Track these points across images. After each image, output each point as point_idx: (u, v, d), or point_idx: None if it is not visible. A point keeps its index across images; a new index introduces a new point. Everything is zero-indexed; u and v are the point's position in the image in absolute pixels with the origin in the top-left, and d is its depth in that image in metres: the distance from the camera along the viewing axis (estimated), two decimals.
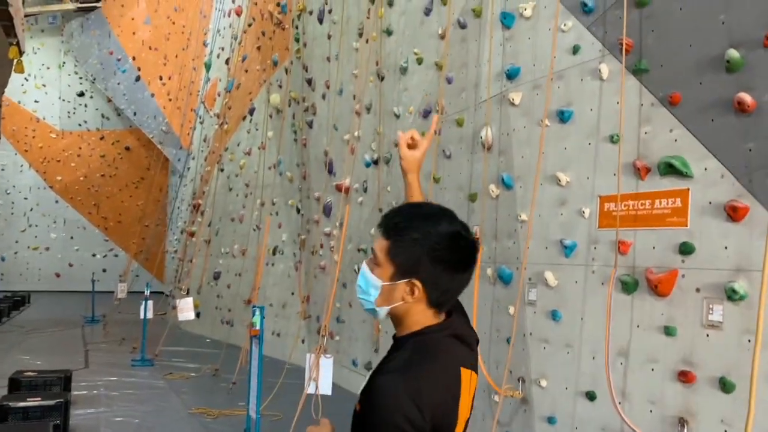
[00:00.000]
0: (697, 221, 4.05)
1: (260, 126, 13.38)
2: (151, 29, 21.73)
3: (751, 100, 3.71)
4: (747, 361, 3.66)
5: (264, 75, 13.58)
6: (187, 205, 17.38)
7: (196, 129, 17.79)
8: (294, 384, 8.69)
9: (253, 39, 14.06)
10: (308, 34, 11.19)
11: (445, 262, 1.71)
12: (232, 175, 14.35)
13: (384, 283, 1.74)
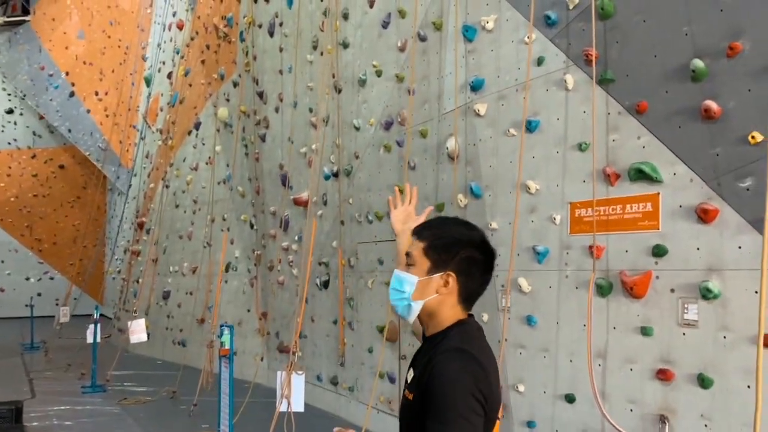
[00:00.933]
0: (669, 224, 4.22)
1: (207, 140, 13.13)
2: (85, 43, 21.00)
3: (716, 107, 3.90)
4: (723, 357, 3.83)
5: (209, 89, 13.35)
6: (130, 224, 16.82)
7: (138, 145, 17.28)
8: (257, 403, 8.52)
9: (197, 52, 13.80)
10: (258, 47, 11.07)
11: (478, 261, 1.92)
12: (178, 192, 13.99)
13: (420, 278, 1.88)
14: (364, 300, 7.97)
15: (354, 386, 8.12)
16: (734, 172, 3.82)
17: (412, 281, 1.89)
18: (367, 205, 7.86)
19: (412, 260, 1.92)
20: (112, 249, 19.95)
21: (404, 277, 1.91)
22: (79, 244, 20.49)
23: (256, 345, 10.98)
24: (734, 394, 3.77)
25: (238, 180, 11.59)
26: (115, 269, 18.94)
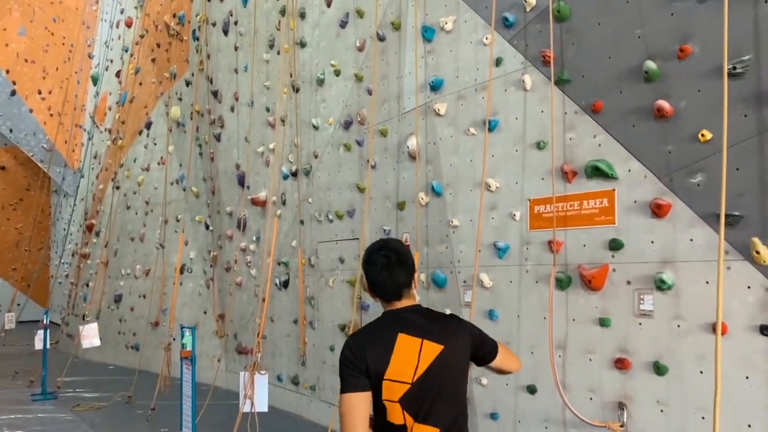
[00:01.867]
0: (624, 219, 4.40)
1: (159, 140, 12.89)
2: (26, 40, 20.23)
3: (668, 106, 4.09)
4: (678, 345, 4.02)
5: (161, 88, 13.11)
6: (78, 227, 16.34)
7: (85, 145, 16.80)
8: (217, 405, 8.43)
9: (147, 51, 13.53)
10: (212, 46, 10.93)
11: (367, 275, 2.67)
12: (129, 193, 13.69)
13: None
14: (324, 299, 7.99)
15: (316, 385, 8.13)
16: (686, 168, 4.01)
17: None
18: (327, 204, 7.88)
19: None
20: (59, 253, 19.34)
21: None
22: (23, 248, 19.78)
23: (213, 347, 10.84)
24: (688, 380, 3.96)
25: (193, 180, 11.42)
26: (62, 273, 18.37)
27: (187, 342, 6.01)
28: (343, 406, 2.38)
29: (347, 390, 2.40)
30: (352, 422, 2.35)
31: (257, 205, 9.44)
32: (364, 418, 2.39)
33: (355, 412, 2.37)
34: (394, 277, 2.55)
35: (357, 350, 2.46)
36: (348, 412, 2.37)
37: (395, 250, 2.59)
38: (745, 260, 3.67)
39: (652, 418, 4.13)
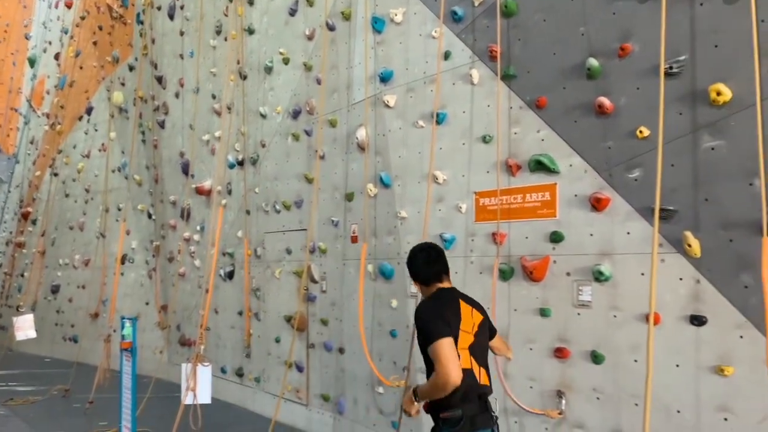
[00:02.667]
0: (565, 212, 4.51)
1: (100, 126, 12.49)
2: None
3: (609, 103, 4.21)
4: (614, 335, 4.16)
5: (102, 72, 12.69)
6: (13, 214, 15.68)
7: (21, 130, 16.12)
8: (159, 398, 8.27)
9: (88, 33, 13.06)
10: (157, 30, 10.64)
11: (415, 274, 3.53)
12: (68, 180, 13.22)
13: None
14: (271, 290, 7.92)
15: (260, 377, 8.06)
16: (624, 164, 4.14)
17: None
18: (275, 194, 7.80)
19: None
20: None
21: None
22: None
23: (155, 339, 10.62)
24: (623, 368, 4.11)
25: (135, 168, 11.11)
26: None
27: (127, 333, 5.87)
28: (443, 348, 2.92)
29: (442, 335, 2.96)
30: (452, 357, 2.92)
31: (202, 195, 9.27)
32: (456, 356, 2.98)
33: (451, 350, 2.95)
34: (433, 267, 3.38)
35: (438, 308, 3.14)
36: (448, 351, 2.92)
37: (434, 248, 3.51)
38: (677, 253, 3.83)
39: (589, 406, 4.27)
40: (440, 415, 3.05)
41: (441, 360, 2.92)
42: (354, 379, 6.42)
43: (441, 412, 3.05)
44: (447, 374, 2.89)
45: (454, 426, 3.02)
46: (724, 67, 3.64)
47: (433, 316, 3.08)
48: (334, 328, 6.78)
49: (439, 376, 2.92)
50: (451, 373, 2.89)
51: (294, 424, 7.29)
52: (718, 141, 3.66)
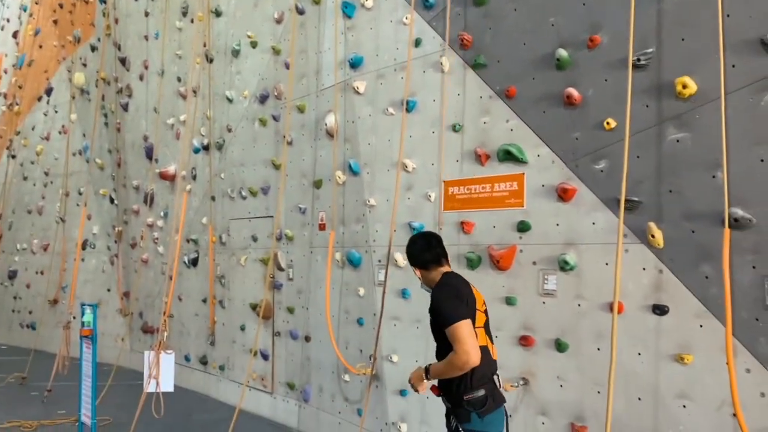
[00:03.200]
0: (532, 202, 4.54)
1: (61, 108, 12.15)
2: None
3: (577, 94, 4.24)
4: (578, 324, 4.22)
5: (63, 52, 12.33)
6: None
7: None
8: (121, 386, 8.14)
9: (48, 11, 12.66)
10: (120, 10, 10.36)
11: (418, 257, 3.50)
12: (26, 163, 12.83)
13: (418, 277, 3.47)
14: (236, 278, 7.83)
15: (225, 365, 7.99)
16: (591, 155, 4.18)
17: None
18: (241, 180, 7.69)
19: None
20: None
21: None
22: None
23: (117, 326, 10.43)
24: (586, 356, 4.17)
25: (97, 151, 10.85)
26: None
27: (88, 320, 5.73)
28: (462, 329, 2.98)
29: (462, 317, 3.02)
30: (472, 339, 2.99)
31: (166, 180, 9.09)
32: (475, 337, 3.06)
33: (470, 331, 3.02)
34: (432, 251, 3.43)
35: (456, 290, 3.20)
36: (468, 332, 2.99)
37: (434, 235, 3.60)
38: (641, 243, 3.88)
39: (552, 393, 4.32)
40: (464, 397, 3.07)
41: (461, 341, 2.97)
42: (320, 367, 6.40)
43: (464, 394, 3.08)
44: (467, 354, 2.95)
45: (482, 406, 3.07)
46: (690, 61, 3.69)
47: (451, 298, 3.13)
48: (300, 316, 6.74)
49: (458, 356, 2.97)
50: (471, 353, 2.95)
51: (259, 412, 7.25)
52: (683, 133, 3.72)
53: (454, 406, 3.14)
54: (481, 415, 3.09)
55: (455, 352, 2.98)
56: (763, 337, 3.36)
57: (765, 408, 3.34)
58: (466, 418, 3.09)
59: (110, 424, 6.84)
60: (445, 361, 3.07)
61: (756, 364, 3.38)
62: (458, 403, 3.11)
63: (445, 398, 3.19)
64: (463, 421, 3.09)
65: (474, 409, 3.08)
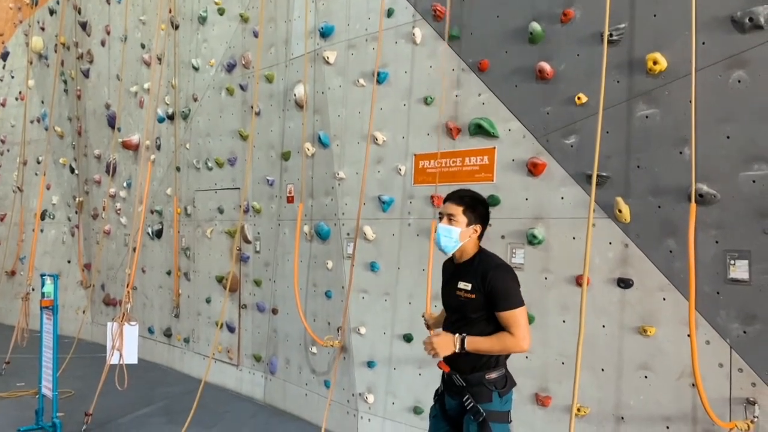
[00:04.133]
0: (502, 176, 4.56)
1: (17, 73, 11.71)
2: None
3: (549, 68, 4.24)
4: (544, 296, 4.28)
5: (19, 15, 11.85)
6: None
7: None
8: (82, 359, 8.02)
9: None
10: None
11: (487, 216, 3.18)
12: None
13: (462, 230, 3.06)
14: (201, 250, 7.72)
15: (190, 337, 7.91)
16: (561, 129, 4.20)
17: (458, 231, 3.06)
18: (207, 151, 7.55)
19: (455, 219, 3.07)
20: None
21: (451, 229, 3.07)
22: None
23: (78, 298, 10.22)
24: (552, 328, 4.24)
25: (56, 119, 10.50)
26: None
27: (48, 291, 5.60)
28: (525, 315, 2.99)
29: (523, 302, 2.99)
30: (529, 326, 3.02)
31: (129, 149, 8.87)
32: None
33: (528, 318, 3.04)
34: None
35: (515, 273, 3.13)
36: (527, 318, 3.01)
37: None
38: (608, 218, 3.94)
39: (518, 365, 4.36)
40: (486, 376, 2.99)
41: (524, 326, 2.95)
42: (287, 340, 6.38)
43: (487, 373, 3.00)
44: (527, 341, 2.94)
45: (503, 386, 3.03)
46: (662, 37, 3.72)
47: (516, 280, 3.03)
48: (267, 289, 6.70)
49: (519, 340, 2.92)
50: (528, 340, 2.95)
51: (224, 385, 7.21)
52: (652, 109, 3.76)
53: (471, 384, 3.01)
54: (502, 395, 3.02)
55: (515, 336, 2.91)
56: (723, 311, 3.46)
57: (723, 378, 3.45)
58: (488, 398, 2.99)
59: (72, 396, 6.74)
60: (495, 340, 2.94)
61: (715, 336, 3.48)
62: (478, 382, 3.00)
63: (459, 377, 3.04)
64: (483, 401, 2.98)
65: (496, 389, 3.00)
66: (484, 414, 2.96)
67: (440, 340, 2.95)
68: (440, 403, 3.23)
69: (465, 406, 3.02)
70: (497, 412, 3.00)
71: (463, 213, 3.06)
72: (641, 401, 3.77)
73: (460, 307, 3.05)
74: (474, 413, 2.98)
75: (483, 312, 2.99)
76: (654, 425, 3.72)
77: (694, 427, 3.56)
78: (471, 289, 2.99)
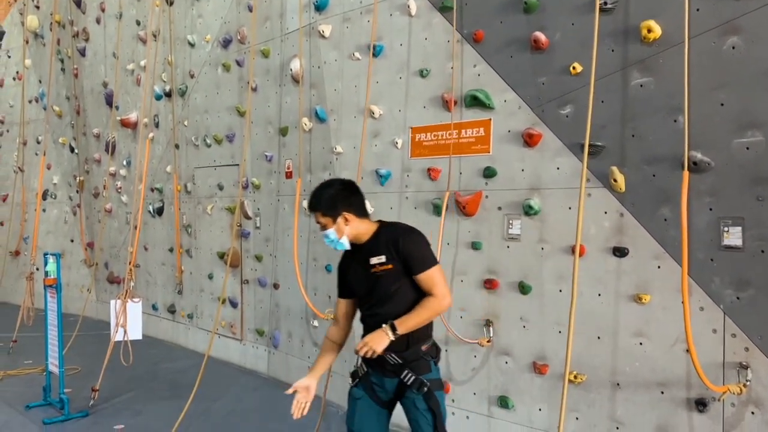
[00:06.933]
0: (498, 148, 4.57)
1: (14, 53, 11.66)
2: None
3: (544, 38, 4.22)
4: (541, 266, 4.31)
5: None
6: None
7: None
8: (87, 336, 8.12)
9: None
10: None
11: (349, 196, 3.09)
12: None
13: (334, 228, 3.04)
14: (202, 226, 7.77)
15: (193, 313, 8.00)
16: (556, 100, 4.20)
17: (332, 232, 3.04)
18: (205, 127, 7.55)
19: (323, 225, 3.05)
20: None
21: (328, 233, 3.06)
22: None
23: (82, 277, 10.31)
24: (548, 297, 4.28)
25: (54, 98, 10.48)
26: None
27: (51, 269, 5.66)
28: (442, 271, 3.01)
29: (437, 260, 3.05)
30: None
31: (127, 127, 8.88)
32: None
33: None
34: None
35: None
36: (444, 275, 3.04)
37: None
38: (604, 188, 3.95)
39: (516, 334, 4.45)
40: (422, 348, 2.98)
41: (443, 283, 2.94)
42: (288, 314, 6.45)
43: (422, 344, 2.99)
44: (448, 297, 2.95)
45: (437, 354, 3.06)
46: (656, 4, 3.69)
47: (426, 241, 3.03)
48: (268, 264, 6.75)
49: (441, 299, 2.92)
50: (449, 296, 2.96)
51: (228, 359, 7.32)
52: (646, 78, 3.75)
53: (408, 360, 2.98)
54: (436, 363, 3.06)
55: (436, 295, 2.91)
56: (717, 277, 3.49)
57: (716, 343, 3.49)
58: (427, 369, 3.00)
59: (79, 372, 6.85)
60: (420, 310, 2.91)
61: (709, 303, 3.51)
62: (416, 356, 2.98)
63: (396, 356, 2.96)
64: (423, 372, 2.98)
65: (432, 358, 3.03)
66: (428, 384, 2.97)
67: (372, 339, 2.88)
68: (365, 385, 3.16)
69: (405, 382, 2.98)
70: (437, 380, 3.03)
71: (323, 216, 3.03)
72: (636, 367, 3.83)
73: (377, 284, 2.98)
74: (418, 386, 2.96)
75: (401, 281, 2.94)
76: (649, 390, 3.78)
77: (689, 391, 3.62)
78: (386, 260, 2.94)
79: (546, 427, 4.27)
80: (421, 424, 2.99)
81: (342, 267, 3.22)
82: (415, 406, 2.99)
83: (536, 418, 4.33)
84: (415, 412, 3.01)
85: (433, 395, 2.97)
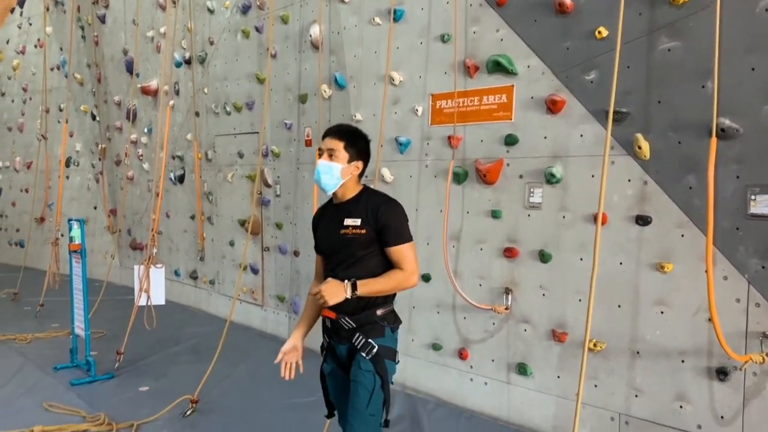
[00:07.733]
0: (521, 115, 4.50)
1: (35, 20, 11.69)
2: None
3: (569, 1, 4.12)
4: (561, 235, 4.28)
5: None
6: None
7: None
8: (112, 301, 8.27)
9: None
10: None
11: (368, 158, 3.07)
12: (3, 78, 12.49)
13: (343, 166, 2.90)
14: (223, 194, 7.82)
15: (215, 279, 8.10)
16: (581, 65, 4.11)
17: (339, 167, 2.88)
18: (225, 95, 7.54)
19: (336, 155, 2.89)
20: None
21: (332, 165, 2.89)
22: None
23: (105, 243, 10.47)
24: (568, 266, 4.26)
25: (75, 66, 10.52)
26: None
27: (75, 235, 5.74)
28: (415, 249, 2.92)
29: (412, 237, 2.93)
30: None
31: (148, 95, 8.89)
32: None
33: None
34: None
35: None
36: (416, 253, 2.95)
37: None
38: (627, 155, 3.89)
39: (535, 301, 4.44)
40: (377, 312, 2.85)
41: (413, 260, 2.86)
42: (308, 281, 6.50)
43: (378, 309, 2.86)
44: (415, 275, 2.86)
45: (394, 321, 2.94)
46: None
47: (406, 216, 2.94)
48: (288, 232, 6.79)
49: (410, 276, 2.83)
50: (417, 274, 2.88)
51: (250, 324, 7.42)
52: (674, 42, 3.65)
53: (361, 324, 2.85)
54: (393, 330, 2.93)
55: (406, 271, 2.82)
56: (743, 246, 3.44)
57: (740, 313, 3.46)
58: (380, 333, 2.86)
59: (104, 336, 6.99)
60: (386, 279, 2.82)
61: (733, 272, 3.47)
62: (369, 320, 2.85)
63: (348, 319, 2.85)
64: (375, 336, 2.84)
65: (388, 324, 2.89)
66: (377, 347, 2.83)
67: (329, 287, 2.74)
68: (331, 356, 3.01)
69: (356, 345, 2.85)
70: (389, 348, 2.89)
71: (345, 149, 2.89)
72: (657, 336, 3.81)
73: (345, 246, 2.86)
74: (367, 348, 2.83)
75: (371, 248, 2.83)
76: (669, 359, 3.76)
77: (710, 360, 3.60)
78: (360, 224, 2.83)
79: (564, 394, 4.28)
80: (359, 390, 2.79)
81: (315, 222, 3.11)
82: (359, 366, 2.82)
83: (555, 385, 4.34)
84: (358, 372, 2.82)
85: (381, 360, 2.82)
